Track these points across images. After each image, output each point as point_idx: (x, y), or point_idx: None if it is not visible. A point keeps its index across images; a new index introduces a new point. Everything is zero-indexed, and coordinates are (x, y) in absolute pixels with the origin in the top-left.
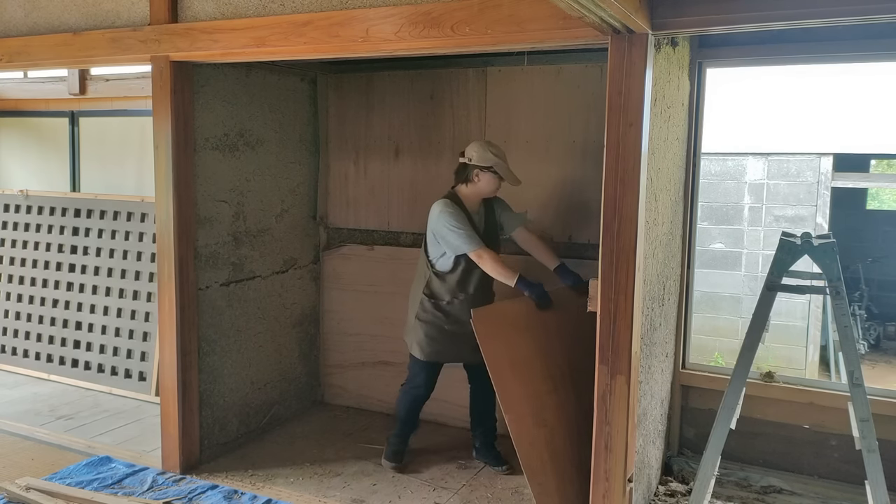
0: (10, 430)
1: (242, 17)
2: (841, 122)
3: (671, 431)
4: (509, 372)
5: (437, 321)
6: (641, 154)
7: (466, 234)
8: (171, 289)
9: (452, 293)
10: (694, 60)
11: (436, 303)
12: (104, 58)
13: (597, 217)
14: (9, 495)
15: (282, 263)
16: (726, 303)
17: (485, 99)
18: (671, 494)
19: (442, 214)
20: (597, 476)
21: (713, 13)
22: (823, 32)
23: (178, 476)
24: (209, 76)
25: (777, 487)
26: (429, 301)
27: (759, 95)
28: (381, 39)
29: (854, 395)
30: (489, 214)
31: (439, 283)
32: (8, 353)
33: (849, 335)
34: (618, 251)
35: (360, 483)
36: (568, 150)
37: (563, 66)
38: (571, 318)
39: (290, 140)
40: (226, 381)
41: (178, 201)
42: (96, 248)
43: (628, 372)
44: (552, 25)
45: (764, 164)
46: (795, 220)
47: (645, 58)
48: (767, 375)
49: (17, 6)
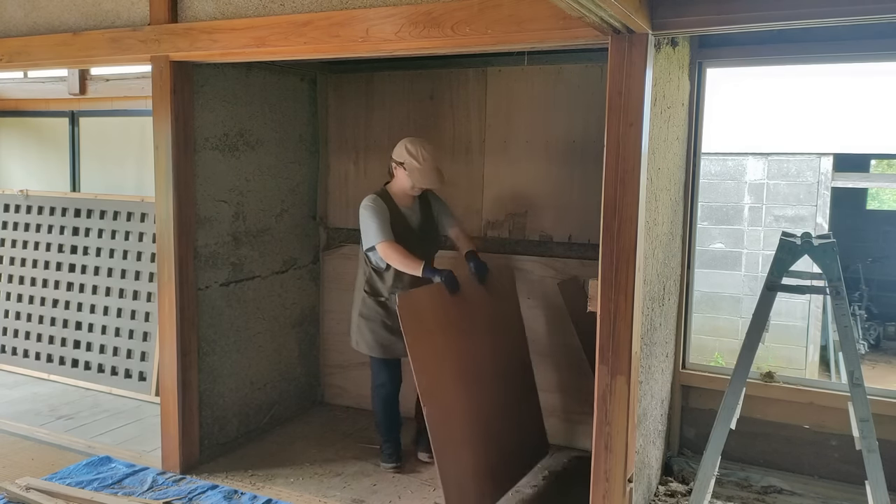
0: (10, 430)
1: (242, 17)
2: (841, 122)
3: (671, 431)
4: (431, 357)
5: (379, 317)
6: (641, 154)
7: (375, 228)
8: (171, 289)
9: (390, 289)
10: (694, 60)
11: (376, 299)
12: (104, 58)
13: (597, 217)
14: (9, 495)
15: (281, 263)
16: (726, 303)
17: (485, 99)
18: (671, 494)
19: (362, 209)
20: (597, 476)
21: (713, 13)
22: (823, 32)
23: (178, 476)
24: (209, 76)
25: (777, 487)
26: (369, 298)
27: (759, 95)
28: (381, 39)
29: (854, 395)
30: (425, 210)
31: (377, 279)
32: (8, 353)
33: (849, 335)
34: (618, 251)
35: (360, 483)
36: (568, 150)
37: (563, 66)
38: (495, 302)
39: (289, 140)
40: (226, 382)
41: (178, 201)
42: (96, 248)
43: (628, 372)
44: (552, 25)
45: (764, 164)
46: (795, 220)
47: (645, 58)
48: (767, 375)
49: (17, 6)
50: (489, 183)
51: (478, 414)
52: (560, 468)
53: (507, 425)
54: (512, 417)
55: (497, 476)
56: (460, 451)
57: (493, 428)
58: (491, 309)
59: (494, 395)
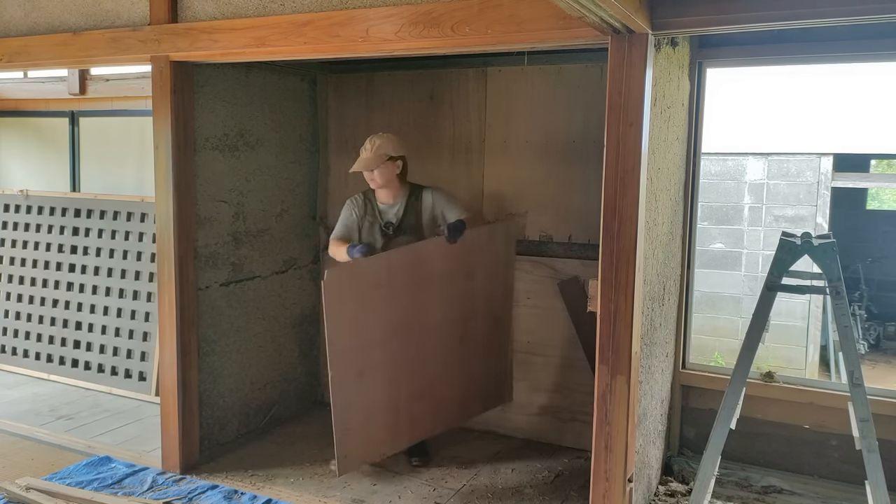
0: (10, 430)
1: (242, 17)
2: (841, 122)
3: (671, 431)
4: (346, 329)
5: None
6: (641, 154)
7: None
8: (171, 289)
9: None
10: (694, 60)
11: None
12: (104, 58)
13: (597, 217)
14: (9, 495)
15: (281, 263)
16: (726, 303)
17: (485, 99)
18: (671, 494)
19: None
20: (597, 476)
21: (713, 13)
22: (823, 32)
23: (178, 476)
24: (209, 76)
25: (777, 487)
26: None
27: (759, 95)
28: (381, 39)
29: (854, 395)
30: (411, 209)
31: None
32: (8, 353)
33: (849, 335)
34: (618, 251)
35: (360, 483)
36: (568, 150)
37: (563, 66)
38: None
39: (290, 140)
40: (226, 382)
41: (178, 201)
42: (96, 248)
43: (628, 372)
44: (552, 25)
45: (764, 164)
46: (795, 220)
47: (645, 58)
48: (767, 375)
49: (16, 6)
50: (489, 183)
51: (400, 366)
52: (560, 468)
53: (447, 374)
54: (456, 367)
55: (418, 420)
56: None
57: (422, 377)
58: (456, 267)
59: (433, 348)
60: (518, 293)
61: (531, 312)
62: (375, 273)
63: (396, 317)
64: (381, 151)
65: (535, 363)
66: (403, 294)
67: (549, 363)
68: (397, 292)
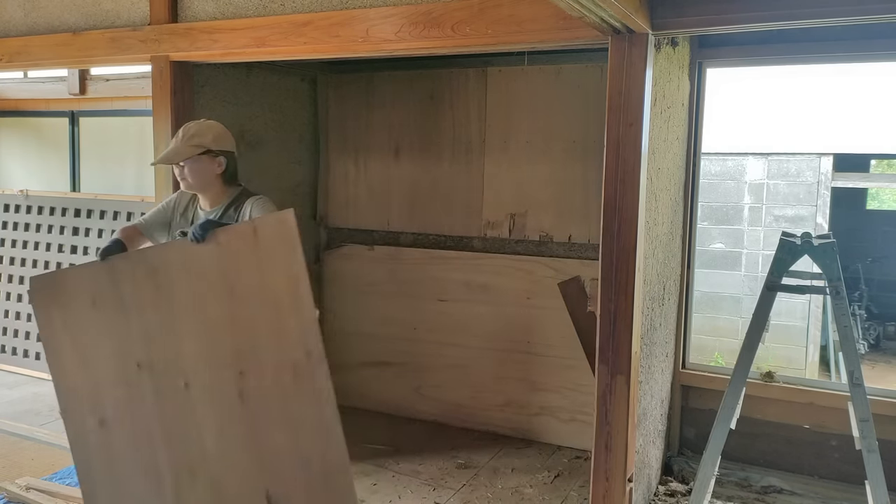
0: (10, 430)
1: (242, 17)
2: (841, 122)
3: (671, 431)
4: (70, 357)
5: None
6: (641, 154)
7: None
8: None
9: None
10: (694, 60)
11: None
12: (104, 58)
13: (597, 217)
14: (9, 495)
15: None
16: (726, 303)
17: (485, 99)
18: (671, 494)
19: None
20: (597, 476)
21: (713, 13)
22: (823, 32)
23: None
24: (209, 76)
25: (777, 487)
26: None
27: (759, 95)
28: (381, 39)
29: (854, 395)
30: (228, 219)
31: None
32: (8, 353)
33: (849, 335)
34: (618, 251)
35: (360, 483)
36: (568, 149)
37: (563, 66)
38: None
39: (290, 140)
40: None
41: None
42: (96, 248)
43: (628, 372)
44: (552, 25)
45: (764, 164)
46: (795, 220)
47: (645, 58)
48: (767, 375)
49: (16, 6)
50: (489, 183)
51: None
52: (560, 468)
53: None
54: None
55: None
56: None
57: (189, 444)
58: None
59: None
60: (518, 293)
61: (532, 313)
62: (92, 285)
63: (135, 350)
64: (194, 142)
65: (535, 363)
66: (138, 318)
67: (548, 363)
68: (128, 315)
